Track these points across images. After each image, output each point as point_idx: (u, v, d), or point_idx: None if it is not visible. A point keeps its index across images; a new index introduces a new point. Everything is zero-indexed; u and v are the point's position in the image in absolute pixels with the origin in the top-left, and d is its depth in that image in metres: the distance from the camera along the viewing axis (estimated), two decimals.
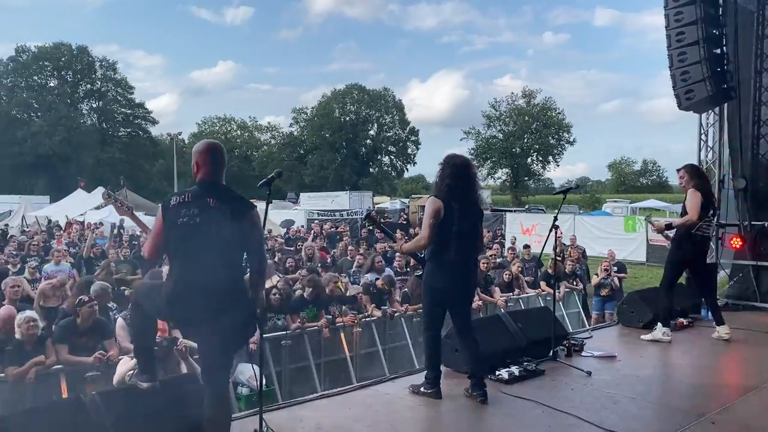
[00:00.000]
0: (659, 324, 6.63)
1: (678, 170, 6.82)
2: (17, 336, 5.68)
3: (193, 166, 3.41)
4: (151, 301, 3.38)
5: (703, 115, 9.28)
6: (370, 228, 23.43)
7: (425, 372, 4.87)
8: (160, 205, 3.35)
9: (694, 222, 6.34)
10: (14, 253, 12.10)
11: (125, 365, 4.30)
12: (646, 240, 21.05)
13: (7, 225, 24.79)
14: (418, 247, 4.84)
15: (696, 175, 6.58)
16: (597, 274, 10.90)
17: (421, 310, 5.55)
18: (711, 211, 6.54)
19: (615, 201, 45.80)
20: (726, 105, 8.93)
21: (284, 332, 7.39)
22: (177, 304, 3.17)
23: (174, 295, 3.17)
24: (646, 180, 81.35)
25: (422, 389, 4.80)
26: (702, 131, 9.37)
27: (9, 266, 10.15)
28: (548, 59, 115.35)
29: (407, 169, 72.41)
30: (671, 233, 6.81)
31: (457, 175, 4.64)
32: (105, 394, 3.56)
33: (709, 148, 9.42)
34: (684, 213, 6.53)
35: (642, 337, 6.73)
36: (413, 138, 69.62)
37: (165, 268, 4.81)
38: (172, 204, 3.24)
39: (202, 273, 3.14)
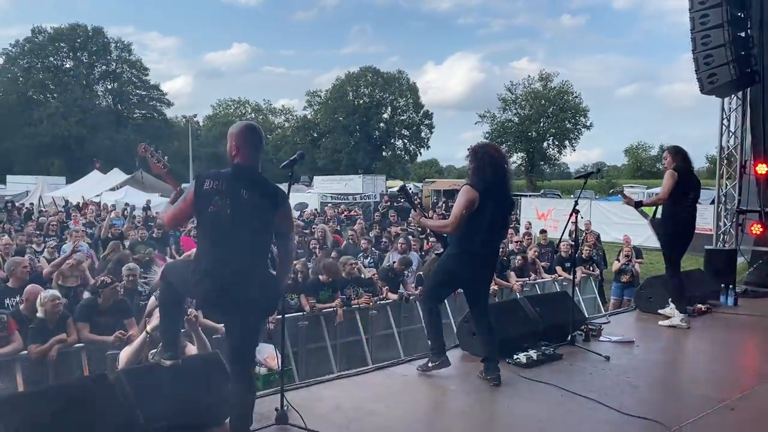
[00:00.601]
0: (676, 311, 6.58)
1: (663, 152, 6.76)
2: (39, 314, 5.75)
3: (230, 149, 3.31)
4: (180, 279, 3.41)
5: (726, 100, 9.17)
6: (383, 211, 23.48)
7: (422, 352, 4.89)
8: (193, 180, 3.28)
9: (663, 201, 6.33)
10: (37, 232, 12.24)
11: (126, 354, 4.33)
12: None
13: (32, 204, 25.09)
14: (441, 231, 4.84)
15: (679, 157, 6.49)
16: (618, 260, 10.83)
17: None
18: (692, 194, 6.48)
19: (631, 186, 45.35)
20: (749, 89, 8.80)
21: (301, 313, 7.44)
22: (204, 284, 3.18)
23: (202, 276, 3.18)
24: (662, 165, 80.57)
25: (429, 364, 4.83)
26: (724, 116, 9.26)
27: (33, 245, 10.24)
28: (566, 42, 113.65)
29: (420, 153, 72.19)
30: (650, 211, 6.79)
31: (496, 167, 4.62)
32: (129, 371, 3.61)
33: (731, 134, 9.31)
34: None
35: (660, 323, 6.69)
36: (427, 122, 69.27)
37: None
38: (205, 188, 3.17)
39: (230, 258, 3.15)
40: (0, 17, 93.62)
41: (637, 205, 6.70)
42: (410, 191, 5.93)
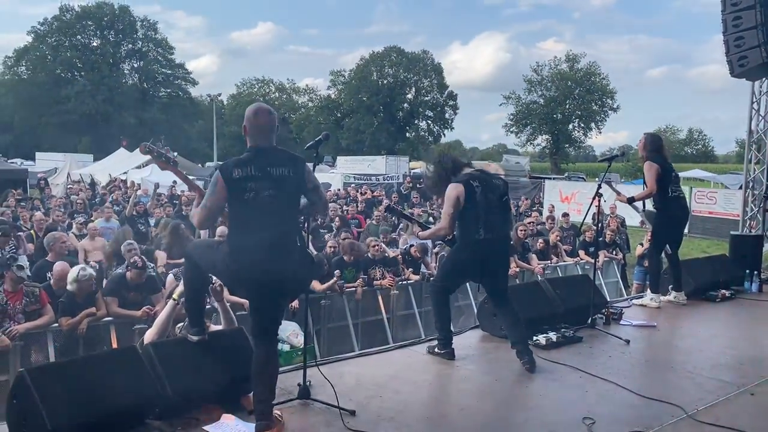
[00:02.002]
0: (648, 290, 6.81)
1: (642, 138, 6.77)
2: (70, 288, 5.91)
3: (245, 130, 3.42)
4: (206, 257, 3.48)
5: (756, 83, 8.99)
6: (406, 192, 23.46)
7: (437, 333, 4.94)
8: (218, 173, 3.30)
9: (653, 193, 6.37)
10: (62, 210, 12.49)
11: (155, 325, 4.40)
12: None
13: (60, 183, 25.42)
14: (438, 237, 4.88)
15: (653, 145, 6.52)
16: (641, 244, 10.74)
17: None
18: (673, 174, 6.56)
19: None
20: None
21: (323, 292, 7.54)
22: (241, 273, 3.26)
23: (238, 265, 3.24)
24: (690, 149, 79.16)
25: (437, 350, 4.90)
26: (754, 99, 9.10)
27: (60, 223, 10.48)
28: (595, 22, 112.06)
29: (444, 134, 71.71)
30: (639, 205, 6.91)
31: (456, 160, 4.79)
32: (158, 344, 3.72)
33: (761, 118, 9.14)
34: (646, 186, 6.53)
35: (633, 302, 6.86)
36: (451, 102, 68.72)
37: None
38: (235, 176, 3.23)
39: (271, 243, 3.21)
40: None
41: (630, 201, 6.73)
42: (398, 208, 6.09)
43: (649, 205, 6.77)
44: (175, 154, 3.79)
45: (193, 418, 3.51)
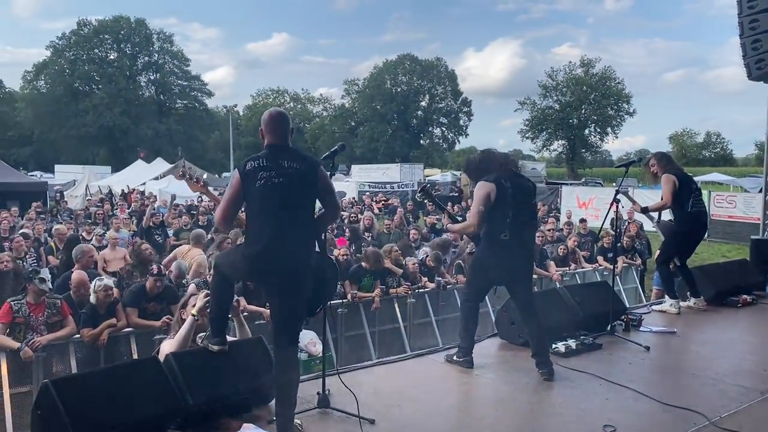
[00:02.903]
0: (666, 296, 6.80)
1: (648, 158, 6.86)
2: (91, 300, 5.97)
3: (261, 135, 3.57)
4: (229, 263, 3.54)
5: None
6: (422, 200, 23.48)
7: (459, 341, 4.93)
8: (234, 170, 3.47)
9: (667, 205, 6.39)
10: (89, 221, 12.66)
11: (168, 345, 4.43)
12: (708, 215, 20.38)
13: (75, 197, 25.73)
14: (466, 233, 4.87)
15: (664, 161, 6.56)
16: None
17: None
18: (694, 186, 6.55)
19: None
20: None
21: (340, 301, 7.55)
22: (256, 263, 3.32)
23: (253, 255, 3.31)
24: (709, 153, 78.37)
25: (455, 358, 4.89)
26: None
27: (83, 233, 10.62)
28: (609, 27, 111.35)
29: (459, 141, 71.66)
30: (655, 215, 7.00)
31: (497, 156, 4.75)
32: (178, 355, 3.75)
33: None
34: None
35: (653, 308, 6.80)
36: (465, 109, 68.70)
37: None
38: (248, 168, 3.36)
39: (284, 227, 3.27)
40: (49, 11, 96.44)
41: (644, 210, 6.74)
42: (430, 191, 5.94)
43: (666, 215, 6.75)
44: (205, 175, 3.95)
45: (213, 427, 3.54)
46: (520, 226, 4.57)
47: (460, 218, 6.14)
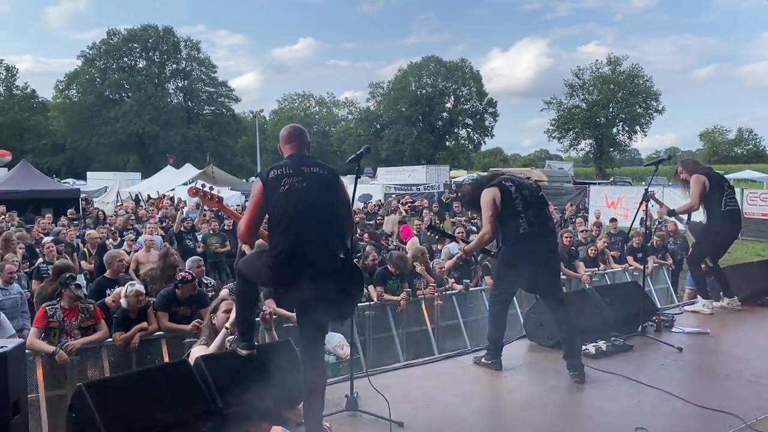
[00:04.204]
0: (699, 297, 6.70)
1: (675, 168, 6.77)
2: (123, 304, 6.08)
3: (279, 150, 3.62)
4: (253, 266, 3.56)
5: None
6: (447, 202, 23.43)
7: (487, 343, 4.92)
8: (257, 179, 3.48)
9: (695, 207, 6.31)
10: (113, 228, 12.86)
11: (199, 351, 4.46)
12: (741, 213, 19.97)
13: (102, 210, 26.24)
14: (483, 243, 4.85)
15: (691, 164, 6.56)
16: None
17: None
18: (726, 184, 6.46)
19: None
20: None
21: (367, 303, 7.56)
22: (280, 269, 3.32)
23: (278, 260, 3.32)
24: (741, 149, 76.75)
25: (483, 360, 4.87)
26: None
27: (109, 240, 10.81)
28: (637, 24, 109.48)
29: (484, 142, 71.22)
30: (684, 217, 6.93)
31: (486, 176, 4.99)
32: (208, 358, 3.79)
33: None
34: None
35: (685, 308, 6.71)
36: (491, 110, 68.27)
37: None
38: (271, 176, 3.37)
39: (305, 238, 3.28)
40: (80, 22, 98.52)
41: (671, 213, 6.62)
42: (440, 227, 6.23)
43: (697, 215, 6.65)
44: (218, 191, 3.97)
45: (243, 430, 3.57)
46: (535, 219, 4.59)
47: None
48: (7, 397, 2.48)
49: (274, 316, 4.65)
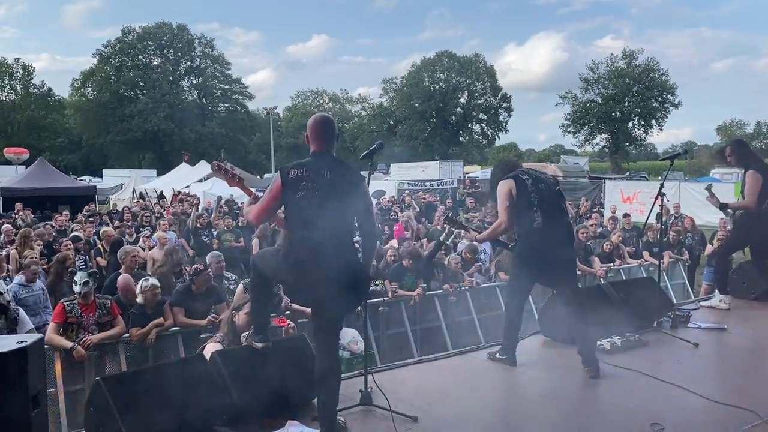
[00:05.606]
0: (716, 291, 6.59)
1: (725, 147, 6.49)
2: (139, 300, 6.15)
3: (306, 140, 3.55)
4: (269, 265, 3.58)
5: None
6: (461, 198, 23.37)
7: (502, 339, 4.91)
8: (276, 173, 3.46)
9: (751, 207, 6.07)
10: (129, 224, 12.99)
11: (211, 346, 4.49)
12: None
13: (115, 205, 26.53)
14: (498, 233, 4.82)
15: (743, 151, 6.26)
16: (711, 244, 10.33)
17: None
18: None
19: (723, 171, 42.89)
20: None
21: (381, 299, 7.58)
22: (293, 268, 3.34)
23: (290, 260, 3.34)
24: (759, 143, 75.77)
25: (497, 355, 4.86)
26: None
27: (126, 236, 10.91)
28: (654, 17, 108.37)
29: (499, 137, 70.91)
30: (729, 211, 6.70)
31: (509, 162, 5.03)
32: (223, 353, 3.83)
33: None
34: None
35: (701, 303, 6.64)
36: (505, 105, 67.91)
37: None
38: (290, 176, 3.35)
39: (318, 241, 3.27)
40: (95, 20, 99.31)
41: (723, 207, 6.46)
42: (454, 217, 6.20)
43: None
44: (236, 170, 3.96)
45: (258, 424, 3.60)
46: (550, 212, 4.57)
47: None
48: (27, 392, 2.51)
49: (287, 312, 4.70)
